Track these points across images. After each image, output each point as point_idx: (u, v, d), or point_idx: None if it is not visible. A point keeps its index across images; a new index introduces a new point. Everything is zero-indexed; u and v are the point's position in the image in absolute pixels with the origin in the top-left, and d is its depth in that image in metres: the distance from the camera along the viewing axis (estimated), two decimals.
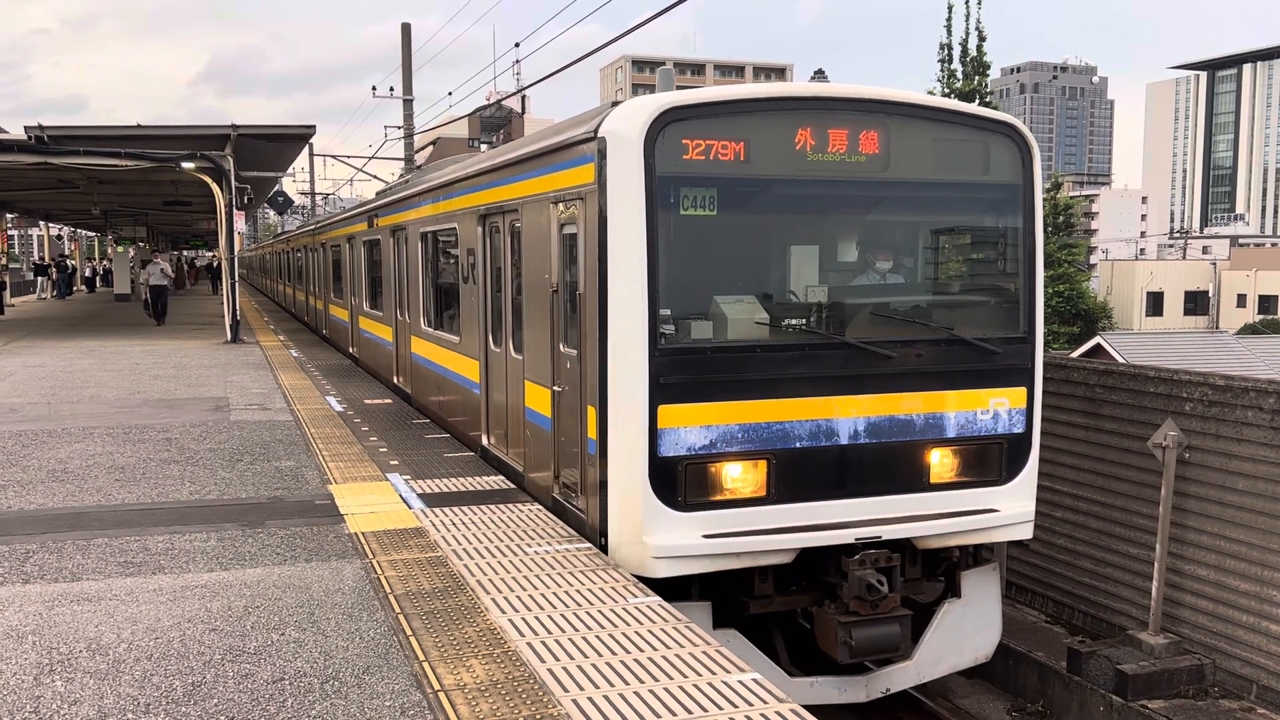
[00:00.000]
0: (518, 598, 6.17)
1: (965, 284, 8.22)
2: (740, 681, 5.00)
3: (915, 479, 7.39)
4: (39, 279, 49.04)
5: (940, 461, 7.45)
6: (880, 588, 7.02)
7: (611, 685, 4.95)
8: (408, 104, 33.04)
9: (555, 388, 7.89)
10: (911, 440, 7.34)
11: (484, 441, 10.18)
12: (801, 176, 7.12)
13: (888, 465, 7.30)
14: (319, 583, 6.56)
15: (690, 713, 4.67)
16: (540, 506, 8.32)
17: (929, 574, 7.85)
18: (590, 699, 4.81)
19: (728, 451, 6.92)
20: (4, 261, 39.91)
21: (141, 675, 5.17)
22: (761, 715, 4.64)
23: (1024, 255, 7.73)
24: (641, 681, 4.99)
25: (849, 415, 7.16)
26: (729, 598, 7.24)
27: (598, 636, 5.56)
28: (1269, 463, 7.97)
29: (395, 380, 15.08)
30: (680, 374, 6.78)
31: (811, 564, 7.22)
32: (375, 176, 40.03)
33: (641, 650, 5.38)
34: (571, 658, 5.27)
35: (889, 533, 7.21)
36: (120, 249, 44.28)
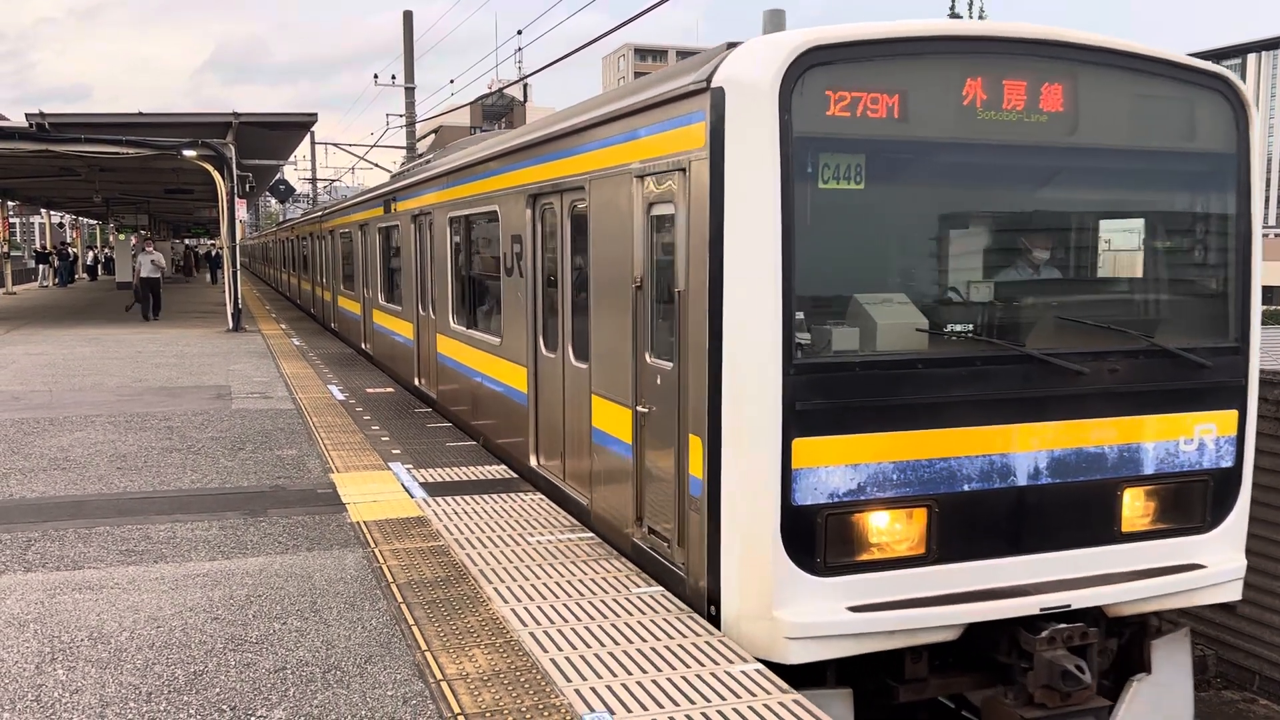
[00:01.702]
0: (520, 587, 6.16)
1: (1164, 280, 6.60)
2: (743, 671, 4.99)
3: (1106, 528, 5.98)
4: (40, 267, 49.08)
5: (1135, 505, 6.05)
6: (1080, 676, 5.52)
7: (614, 675, 4.95)
8: (409, 92, 32.98)
9: (639, 408, 6.51)
10: (1103, 479, 5.93)
11: (532, 462, 8.84)
12: (969, 140, 5.64)
13: (1075, 512, 5.90)
14: (321, 572, 6.56)
15: (693, 703, 4.66)
16: (541, 495, 8.29)
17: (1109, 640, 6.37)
18: (593, 689, 4.80)
19: (878, 497, 5.48)
20: (5, 249, 39.94)
21: (143, 664, 5.17)
22: (764, 705, 4.64)
23: (1237, 244, 6.22)
24: (644, 671, 4.99)
25: (1029, 448, 5.74)
26: (869, 678, 5.81)
27: (600, 626, 5.55)
28: (1273, 454, 7.95)
29: (417, 382, 13.74)
30: (821, 397, 5.34)
31: (977, 637, 5.72)
32: (377, 165, 40.04)
33: (644, 640, 5.37)
34: (574, 647, 5.27)
35: (1080, 600, 5.73)
36: (122, 237, 44.33)
